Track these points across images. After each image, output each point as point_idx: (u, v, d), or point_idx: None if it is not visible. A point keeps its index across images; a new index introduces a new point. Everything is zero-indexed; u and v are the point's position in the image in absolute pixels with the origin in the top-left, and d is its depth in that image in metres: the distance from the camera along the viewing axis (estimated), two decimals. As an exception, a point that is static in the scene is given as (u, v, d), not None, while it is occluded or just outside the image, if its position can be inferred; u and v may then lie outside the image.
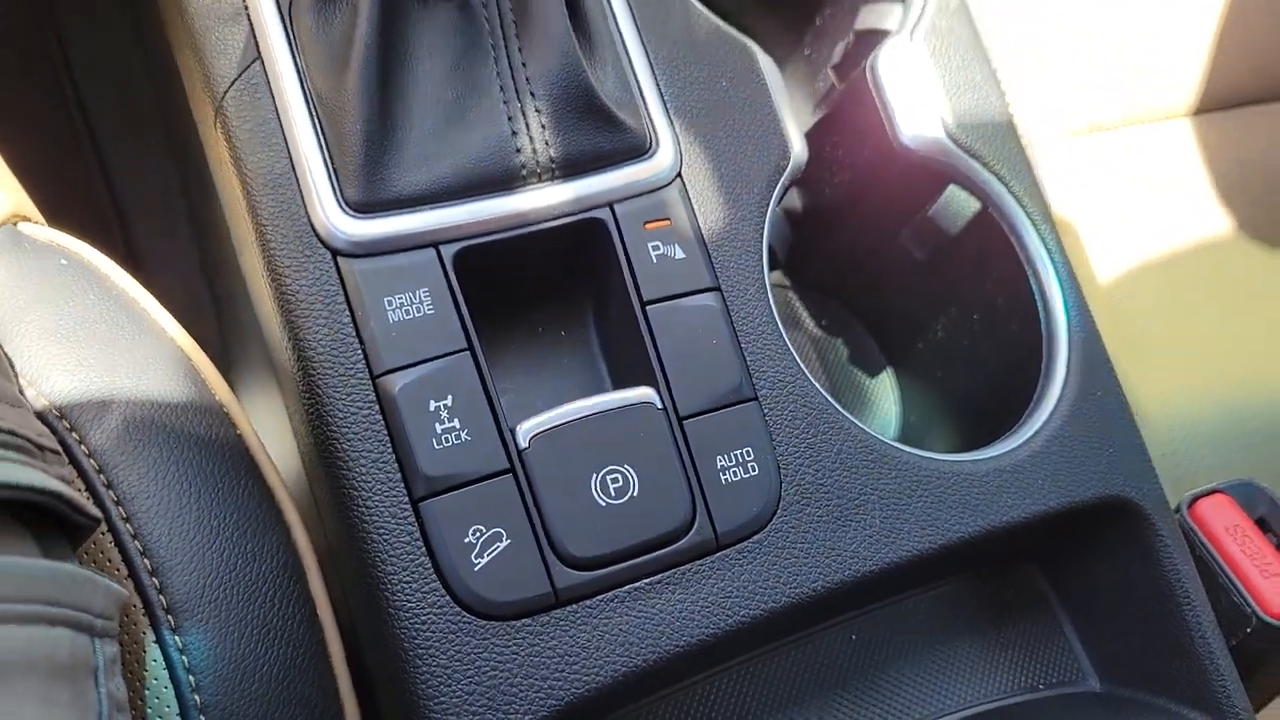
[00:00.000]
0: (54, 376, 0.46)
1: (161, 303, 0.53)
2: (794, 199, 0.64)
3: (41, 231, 0.54)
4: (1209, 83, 0.86)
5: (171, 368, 0.48)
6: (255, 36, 0.44)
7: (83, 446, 0.44)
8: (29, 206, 0.55)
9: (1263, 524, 0.57)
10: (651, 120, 0.48)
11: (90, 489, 0.44)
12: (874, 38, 0.60)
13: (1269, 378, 0.81)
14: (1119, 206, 0.80)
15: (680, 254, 0.46)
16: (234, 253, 0.52)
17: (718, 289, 0.47)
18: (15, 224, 0.54)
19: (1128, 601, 0.54)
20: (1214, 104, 0.86)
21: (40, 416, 0.44)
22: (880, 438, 0.48)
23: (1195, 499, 0.57)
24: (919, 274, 0.61)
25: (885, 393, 0.66)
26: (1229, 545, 0.55)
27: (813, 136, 0.61)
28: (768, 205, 0.50)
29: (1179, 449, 0.78)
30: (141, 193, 0.84)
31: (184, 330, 0.51)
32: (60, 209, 0.62)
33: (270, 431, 0.54)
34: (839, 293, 0.67)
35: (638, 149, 0.47)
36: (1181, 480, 0.78)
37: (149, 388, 0.47)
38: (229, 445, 0.47)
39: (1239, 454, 0.79)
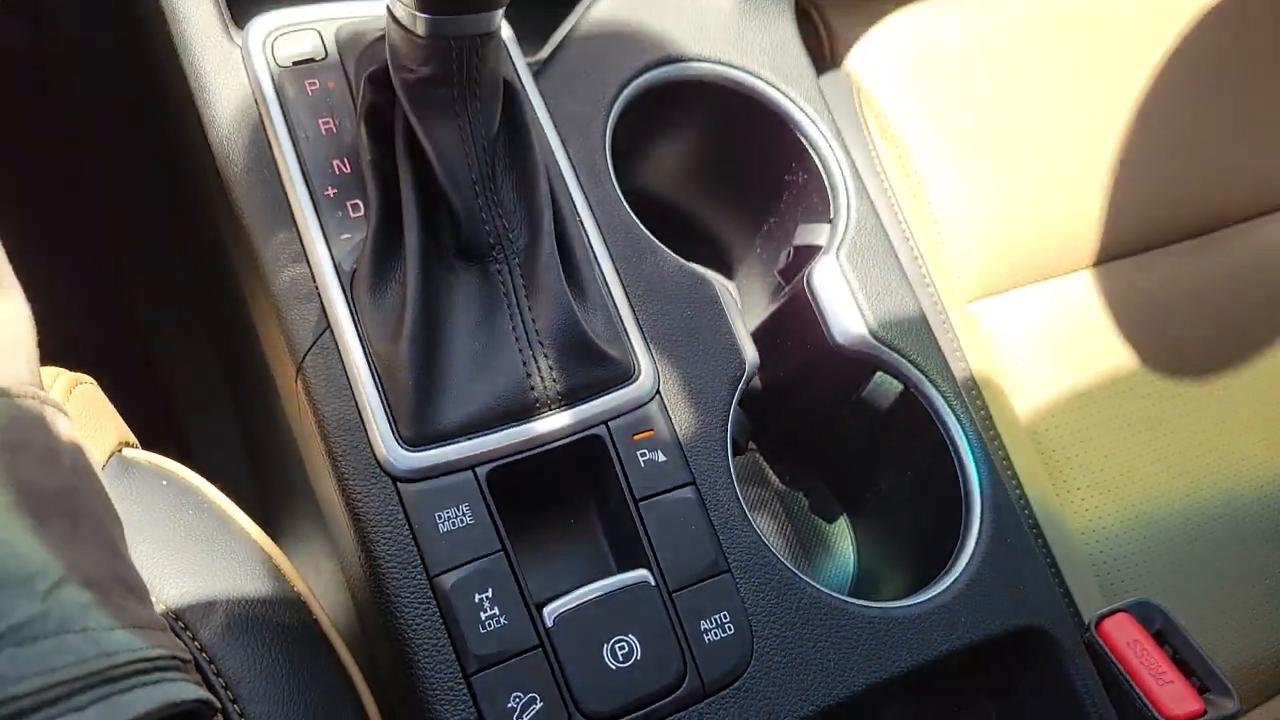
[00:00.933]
0: (167, 585, 0.57)
1: (215, 480, 0.64)
2: (755, 380, 0.77)
3: (141, 455, 0.66)
4: (1105, 235, 1.00)
5: (258, 567, 0.60)
6: (325, 311, 0.57)
7: (195, 642, 0.56)
8: (128, 432, 0.67)
9: (1159, 636, 0.69)
10: (634, 349, 0.61)
11: (205, 678, 0.55)
12: (809, 251, 0.74)
13: (1177, 491, 0.93)
14: (1035, 354, 0.93)
15: (663, 457, 0.59)
16: (301, 468, 0.64)
17: (694, 483, 0.59)
18: (120, 451, 0.66)
19: (1049, 712, 0.65)
20: (1110, 254, 1.00)
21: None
22: (831, 594, 0.60)
23: (1101, 619, 0.69)
24: (860, 439, 0.74)
25: (842, 536, 0.78)
26: (1130, 659, 0.66)
27: (765, 331, 0.74)
28: (730, 408, 0.63)
29: (1106, 561, 0.90)
30: (190, 386, 0.96)
31: (262, 531, 0.63)
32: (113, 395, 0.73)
33: (320, 582, 0.66)
34: (798, 453, 0.80)
35: (625, 376, 0.60)
36: (1112, 588, 0.90)
37: (242, 586, 0.58)
38: (309, 631, 0.58)
39: (1159, 559, 0.91)
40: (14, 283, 0.48)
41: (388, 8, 0.54)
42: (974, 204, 0.93)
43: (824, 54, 0.96)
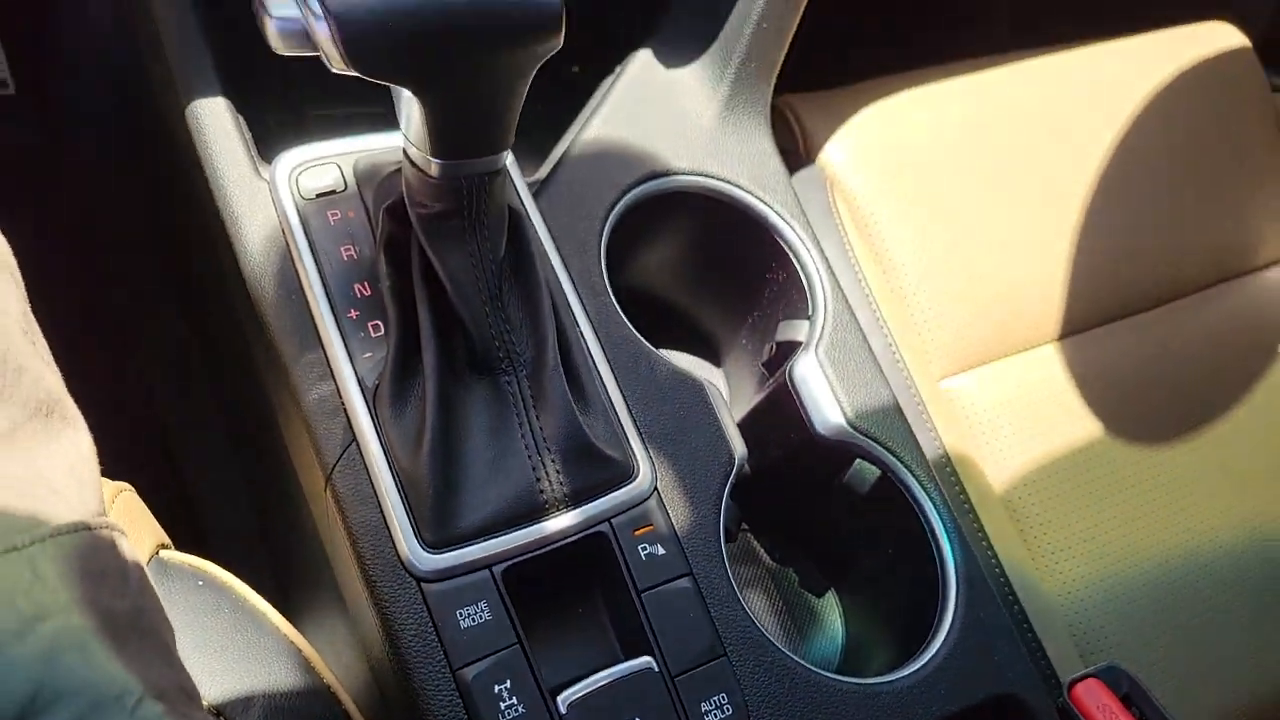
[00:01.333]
0: (210, 683, 0.62)
1: (235, 570, 0.69)
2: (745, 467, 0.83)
3: (177, 556, 0.71)
4: (1067, 310, 1.07)
5: (289, 661, 0.65)
6: (351, 426, 0.63)
7: (237, 735, 0.60)
8: (163, 534, 0.73)
9: (1127, 700, 0.74)
10: (633, 450, 0.67)
11: (245, 768, 0.59)
12: (791, 345, 0.80)
13: (1146, 551, 0.99)
14: (1006, 425, 0.99)
15: (662, 550, 0.64)
16: (326, 565, 0.70)
17: (691, 574, 0.64)
18: (158, 553, 0.71)
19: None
20: (1073, 328, 1.07)
21: None
22: (819, 672, 0.65)
23: (1072, 684, 0.74)
24: (843, 520, 0.79)
25: (831, 610, 0.83)
26: (1100, 721, 0.72)
27: (752, 420, 0.80)
28: (721, 500, 0.68)
29: (1082, 622, 0.95)
30: (209, 482, 1.01)
31: (293, 627, 0.68)
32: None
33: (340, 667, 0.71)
34: (786, 532, 0.85)
35: (625, 475, 0.65)
36: (1089, 648, 0.95)
37: (276, 680, 0.63)
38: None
39: (1132, 617, 0.96)
40: (77, 413, 0.53)
41: (404, 150, 0.60)
42: (942, 287, 1.00)
43: (799, 150, 1.03)
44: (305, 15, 0.51)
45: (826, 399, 0.74)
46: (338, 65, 0.51)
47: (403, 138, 0.59)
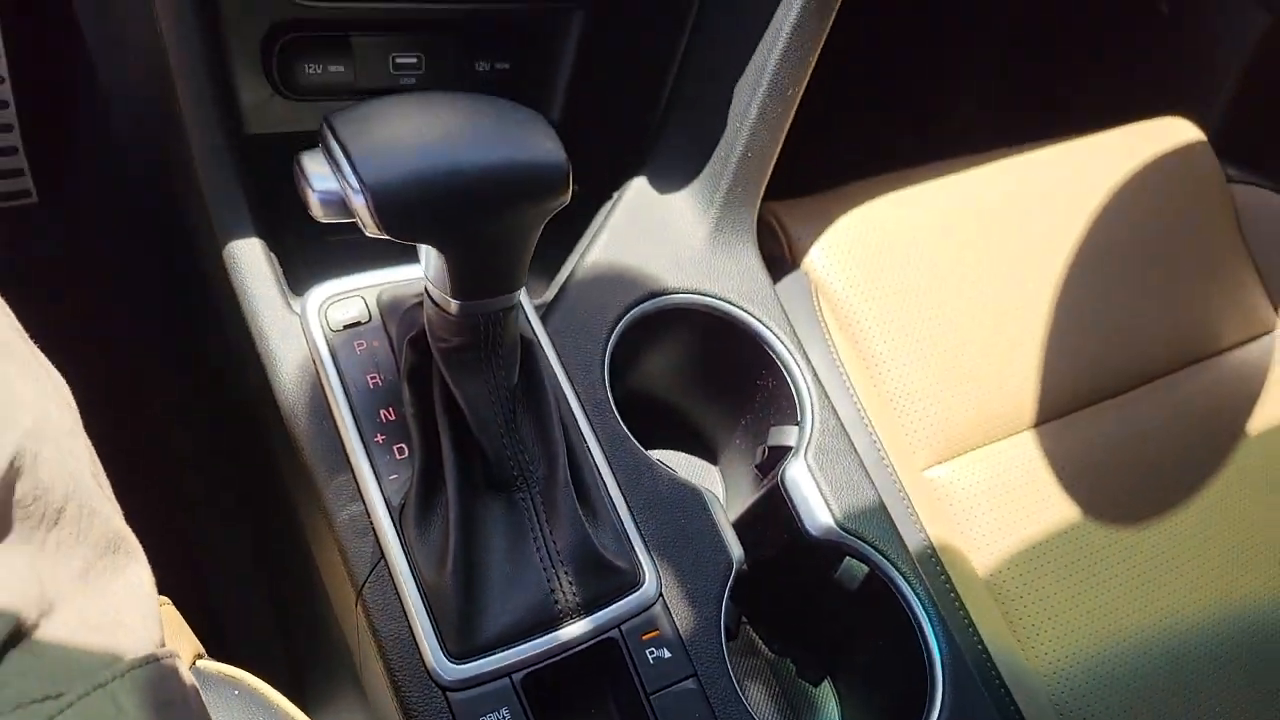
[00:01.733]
0: (248, 788, 0.66)
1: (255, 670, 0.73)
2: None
3: (213, 666, 0.75)
4: (1041, 399, 1.13)
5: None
6: (380, 544, 0.68)
7: (273, 838, 0.64)
8: (198, 644, 0.77)
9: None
10: (638, 558, 0.72)
11: None
12: (781, 449, 0.86)
13: (1125, 629, 1.04)
14: (987, 512, 1.05)
15: (668, 654, 0.69)
16: (350, 669, 0.74)
17: (695, 675, 0.70)
18: (195, 663, 0.75)
19: None
20: (1048, 415, 1.13)
21: None
22: (814, 763, 0.70)
23: (1055, 765, 0.79)
24: (835, 613, 0.84)
25: (828, 698, 0.88)
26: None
27: (747, 520, 0.86)
28: (722, 602, 0.74)
29: (1067, 701, 0.99)
30: (235, 589, 1.06)
31: (321, 731, 0.72)
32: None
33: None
34: (783, 624, 0.90)
35: (632, 583, 0.71)
36: (1074, 725, 1.00)
37: (309, 783, 0.68)
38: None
39: (1115, 694, 1.01)
40: (136, 545, 0.58)
41: (425, 289, 0.66)
42: (922, 382, 1.06)
43: (785, 256, 1.11)
44: (344, 188, 0.57)
45: (816, 501, 0.80)
46: (372, 231, 0.58)
47: (424, 279, 0.65)
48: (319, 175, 0.58)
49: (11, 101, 1.28)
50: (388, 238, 0.58)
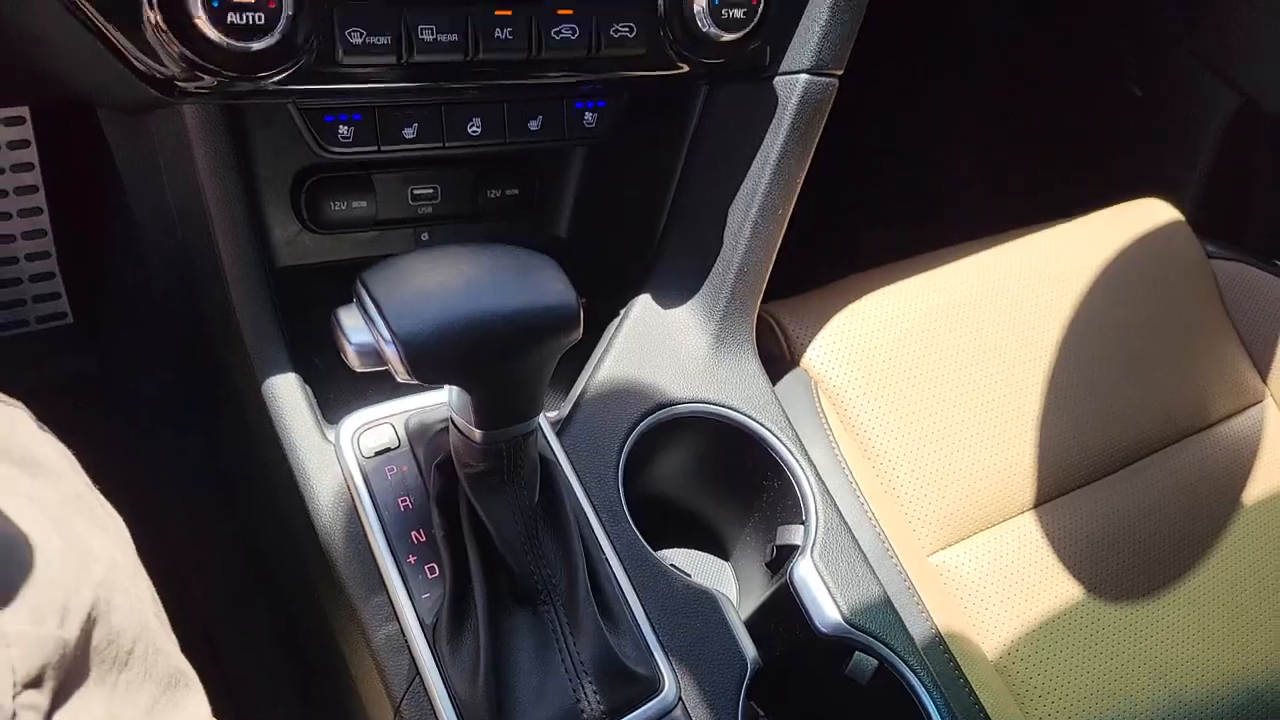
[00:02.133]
0: None
1: None
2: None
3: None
4: (1040, 481, 1.18)
5: None
6: (415, 662, 0.73)
7: None
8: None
9: None
10: (657, 664, 0.77)
11: None
12: (789, 548, 0.91)
13: (1130, 704, 1.07)
14: (992, 594, 1.09)
15: (689, 757, 0.73)
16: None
17: (719, 780, 0.73)
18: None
19: None
20: (1047, 496, 1.18)
21: None
22: None
23: None
24: (851, 705, 0.88)
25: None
26: None
27: (759, 617, 0.90)
28: (739, 702, 0.78)
29: (1077, 776, 1.02)
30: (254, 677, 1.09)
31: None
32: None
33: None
34: (803, 716, 0.94)
35: (653, 689, 0.75)
36: (1088, 800, 1.02)
37: None
38: None
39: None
40: (194, 676, 0.63)
41: (450, 420, 0.72)
42: (923, 471, 1.11)
43: (784, 355, 1.16)
44: (377, 340, 0.63)
45: (825, 599, 0.85)
46: (403, 377, 0.63)
47: (449, 410, 0.71)
48: (354, 329, 0.64)
49: (49, 229, 1.36)
50: (416, 381, 0.63)
